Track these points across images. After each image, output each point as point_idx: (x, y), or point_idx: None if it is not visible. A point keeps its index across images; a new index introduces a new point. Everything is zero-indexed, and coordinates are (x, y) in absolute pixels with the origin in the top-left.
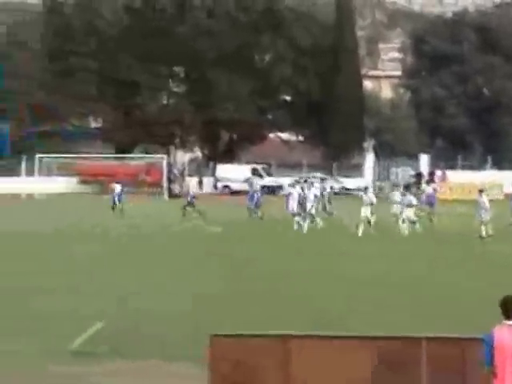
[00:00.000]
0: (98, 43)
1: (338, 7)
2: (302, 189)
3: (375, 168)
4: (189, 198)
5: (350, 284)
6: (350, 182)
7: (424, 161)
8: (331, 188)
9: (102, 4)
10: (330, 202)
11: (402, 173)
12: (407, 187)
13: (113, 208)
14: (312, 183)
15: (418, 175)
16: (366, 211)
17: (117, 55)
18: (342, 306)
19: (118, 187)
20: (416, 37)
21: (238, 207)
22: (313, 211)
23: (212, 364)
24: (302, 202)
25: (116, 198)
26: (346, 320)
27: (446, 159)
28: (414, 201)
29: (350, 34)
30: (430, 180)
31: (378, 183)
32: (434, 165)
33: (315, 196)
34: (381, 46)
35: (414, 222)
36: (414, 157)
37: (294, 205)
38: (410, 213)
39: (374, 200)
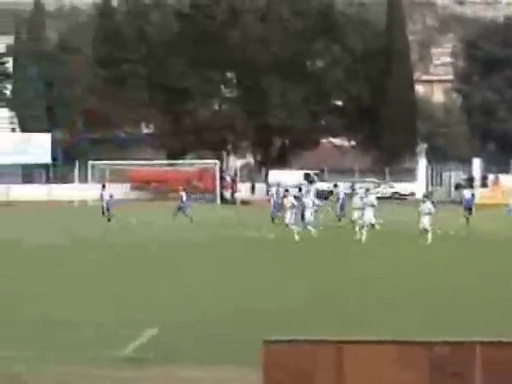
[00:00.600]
0: (149, 50)
1: (389, 10)
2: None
3: (427, 173)
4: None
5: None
6: (402, 187)
7: (476, 165)
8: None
9: (152, 10)
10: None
11: (455, 177)
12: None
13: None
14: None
15: (470, 179)
16: (424, 221)
17: (168, 61)
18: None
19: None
20: (468, 41)
21: None
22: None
23: (266, 370)
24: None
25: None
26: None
27: (498, 163)
28: (432, 209)
29: (401, 37)
30: (483, 184)
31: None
32: (486, 169)
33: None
34: (433, 50)
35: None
36: (466, 161)
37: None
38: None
39: (433, 210)
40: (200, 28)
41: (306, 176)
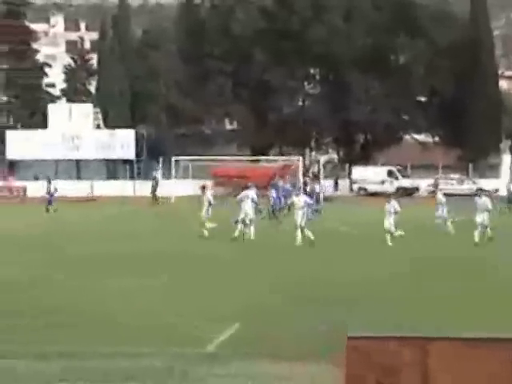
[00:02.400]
0: (233, 45)
1: (473, 4)
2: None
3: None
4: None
5: None
6: (487, 184)
7: None
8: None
9: (236, 6)
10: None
11: None
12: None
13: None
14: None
15: None
16: (480, 217)
17: (251, 57)
18: None
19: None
20: None
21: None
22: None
23: (349, 366)
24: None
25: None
26: None
27: None
28: (490, 205)
29: (485, 30)
30: None
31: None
32: None
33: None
34: None
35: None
36: None
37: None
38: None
39: (490, 206)
40: (283, 24)
41: (389, 172)
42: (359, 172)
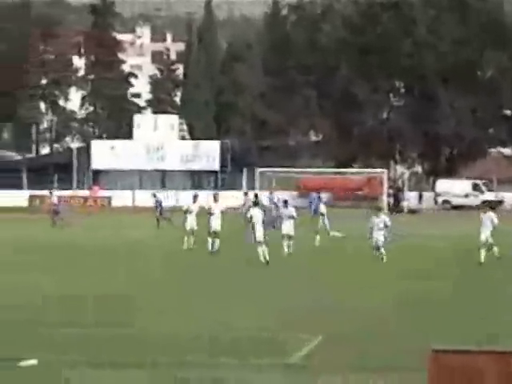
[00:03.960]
0: (318, 58)
1: None
2: None
3: None
4: None
5: None
6: None
7: None
8: None
9: (322, 19)
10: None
11: None
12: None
13: None
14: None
15: None
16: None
17: (336, 70)
18: None
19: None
20: None
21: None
22: None
23: (432, 379)
24: None
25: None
26: None
27: None
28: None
29: None
30: None
31: None
32: None
33: None
34: None
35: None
36: None
37: None
38: None
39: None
40: (369, 36)
41: (475, 186)
42: (444, 185)
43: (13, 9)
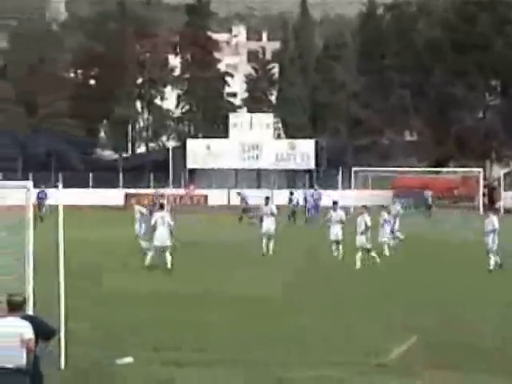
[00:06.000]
0: (413, 57)
1: None
2: None
3: None
4: None
5: None
6: None
7: None
8: None
9: (418, 18)
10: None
11: None
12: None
13: None
14: None
15: None
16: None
17: (432, 69)
18: None
19: None
20: None
21: None
22: None
23: None
24: None
25: None
26: None
27: None
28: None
29: None
30: None
31: None
32: None
33: None
34: None
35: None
36: None
37: None
38: None
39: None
40: (465, 36)
41: None
42: None
43: (109, 9)
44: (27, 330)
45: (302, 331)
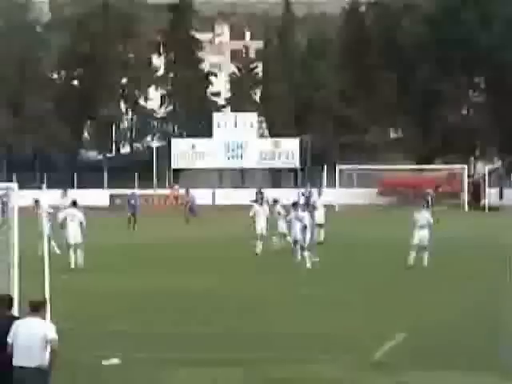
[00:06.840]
0: (398, 54)
1: None
2: None
3: None
4: None
5: None
6: None
7: None
8: None
9: (401, 15)
10: None
11: None
12: None
13: None
14: None
15: None
16: None
17: (416, 66)
18: None
19: None
20: None
21: None
22: None
23: None
24: None
25: None
26: None
27: None
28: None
29: None
30: None
31: None
32: None
33: None
34: None
35: None
36: None
37: None
38: None
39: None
40: (449, 32)
41: None
42: None
43: (94, 8)
44: (51, 331)
45: (289, 329)
